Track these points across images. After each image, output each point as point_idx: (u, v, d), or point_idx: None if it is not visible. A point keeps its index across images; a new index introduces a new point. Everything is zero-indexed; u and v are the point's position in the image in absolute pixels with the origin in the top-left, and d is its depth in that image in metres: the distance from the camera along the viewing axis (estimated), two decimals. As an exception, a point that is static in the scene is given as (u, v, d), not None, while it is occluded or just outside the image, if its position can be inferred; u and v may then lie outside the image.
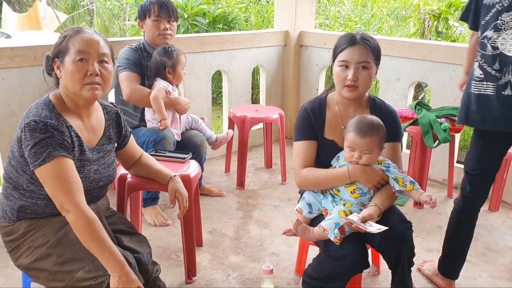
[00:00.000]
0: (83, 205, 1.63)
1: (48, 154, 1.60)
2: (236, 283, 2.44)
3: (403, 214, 1.98)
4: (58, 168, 1.61)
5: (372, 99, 2.16)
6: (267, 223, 3.06)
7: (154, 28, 3.01)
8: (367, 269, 2.45)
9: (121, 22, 10.31)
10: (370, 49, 1.99)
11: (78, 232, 1.61)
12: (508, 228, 3.08)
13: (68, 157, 1.65)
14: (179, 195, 2.01)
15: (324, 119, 2.14)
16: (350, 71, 1.98)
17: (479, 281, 2.51)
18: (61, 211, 1.63)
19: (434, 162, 3.65)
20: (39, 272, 1.71)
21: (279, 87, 4.63)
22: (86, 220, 1.60)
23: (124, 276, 1.60)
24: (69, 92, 1.74)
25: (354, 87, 2.00)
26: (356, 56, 1.97)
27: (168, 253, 2.69)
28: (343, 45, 2.02)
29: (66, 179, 1.62)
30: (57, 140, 1.63)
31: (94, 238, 1.60)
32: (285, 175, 3.72)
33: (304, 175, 2.07)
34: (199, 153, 3.12)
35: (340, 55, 2.01)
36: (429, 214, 3.24)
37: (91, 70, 1.70)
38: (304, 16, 4.50)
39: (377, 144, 1.96)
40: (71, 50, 1.70)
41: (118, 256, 1.62)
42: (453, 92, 3.52)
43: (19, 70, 2.94)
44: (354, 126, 1.96)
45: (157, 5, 2.99)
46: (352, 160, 1.97)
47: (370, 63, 1.99)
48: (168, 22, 3.03)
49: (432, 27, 5.20)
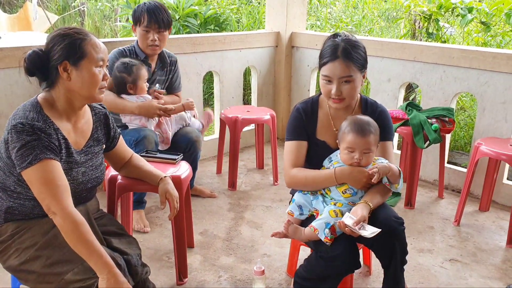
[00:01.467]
0: (70, 207, 1.62)
1: (35, 156, 1.59)
2: (227, 284, 2.43)
3: (394, 211, 1.98)
4: (45, 171, 1.60)
5: (364, 99, 2.17)
6: (258, 224, 3.06)
7: (143, 38, 2.99)
8: (359, 270, 2.46)
9: (112, 23, 10.25)
10: (353, 61, 1.96)
11: (66, 234, 1.60)
12: (498, 228, 3.10)
13: (55, 159, 1.63)
14: (170, 196, 2.00)
15: (316, 119, 2.14)
16: (333, 85, 1.98)
17: (469, 281, 2.52)
18: (48, 214, 1.62)
19: (425, 163, 3.67)
20: (28, 274, 1.69)
21: (271, 88, 4.63)
22: (73, 223, 1.59)
23: (112, 278, 1.59)
24: (79, 95, 1.72)
25: (339, 100, 2.01)
26: (338, 72, 1.96)
27: (159, 254, 2.67)
28: (325, 57, 1.99)
29: (53, 181, 1.60)
30: (44, 143, 1.61)
31: (82, 240, 1.59)
32: (277, 176, 3.71)
33: (293, 175, 2.08)
34: (194, 149, 3.10)
35: (323, 69, 2.01)
36: (421, 214, 3.26)
37: (106, 75, 1.77)
38: (296, 17, 4.51)
39: (376, 142, 1.98)
40: (91, 55, 1.70)
41: (106, 258, 1.61)
42: (444, 93, 3.55)
43: (8, 71, 2.92)
44: (352, 127, 1.95)
45: (148, 14, 2.94)
46: (353, 162, 1.95)
47: (353, 76, 1.97)
48: (158, 32, 2.99)
49: (423, 28, 5.23)
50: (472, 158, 3.09)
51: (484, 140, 3.10)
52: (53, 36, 1.72)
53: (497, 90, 3.31)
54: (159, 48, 3.05)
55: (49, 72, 1.72)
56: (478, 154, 3.02)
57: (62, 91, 1.73)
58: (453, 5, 4.89)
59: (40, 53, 1.71)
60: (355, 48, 1.98)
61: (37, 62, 1.70)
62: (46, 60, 1.71)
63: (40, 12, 9.06)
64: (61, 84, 1.72)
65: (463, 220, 3.15)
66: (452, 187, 3.66)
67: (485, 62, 3.31)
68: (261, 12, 6.81)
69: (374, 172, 1.89)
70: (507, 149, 2.92)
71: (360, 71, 2.00)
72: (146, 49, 3.02)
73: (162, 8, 3.00)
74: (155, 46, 3.01)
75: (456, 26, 5.59)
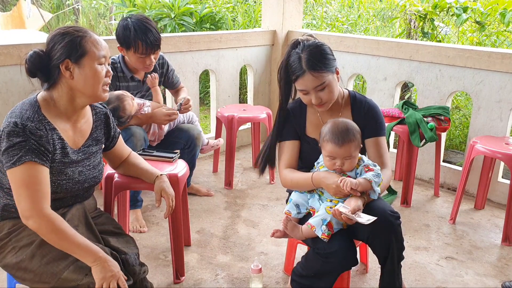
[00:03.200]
0: (45, 209, 1.60)
1: (19, 158, 1.58)
2: (224, 282, 2.43)
3: (390, 206, 1.99)
4: (26, 174, 1.59)
5: (353, 96, 2.17)
6: (255, 223, 3.06)
7: (138, 62, 2.87)
8: (355, 267, 2.47)
9: (107, 22, 10.21)
10: (320, 70, 1.95)
11: (45, 235, 1.60)
12: (493, 226, 3.12)
13: (40, 163, 1.61)
14: (165, 194, 2.00)
15: (305, 118, 2.16)
16: (311, 95, 2.00)
17: (465, 278, 2.54)
18: (22, 219, 1.60)
19: (421, 161, 3.68)
20: (25, 273, 1.68)
21: (267, 87, 4.63)
22: (50, 221, 1.59)
23: (105, 262, 1.61)
24: (82, 94, 1.72)
25: (321, 105, 2.03)
26: (310, 84, 1.97)
27: (156, 253, 2.67)
28: (294, 73, 1.99)
29: (33, 185, 1.59)
30: (31, 145, 1.60)
31: (63, 236, 1.59)
32: (273, 175, 3.72)
33: (283, 177, 2.14)
34: (194, 146, 3.10)
35: (296, 84, 2.02)
36: (416, 212, 3.27)
37: (109, 71, 1.76)
38: (292, 15, 4.51)
39: (356, 147, 1.95)
40: (93, 52, 1.69)
41: (92, 246, 1.62)
42: (439, 92, 3.56)
43: (4, 69, 2.90)
44: (330, 136, 1.93)
45: (143, 43, 2.77)
46: (336, 168, 1.95)
47: (326, 81, 1.97)
48: (153, 54, 2.87)
49: (418, 28, 5.24)
50: (467, 157, 3.11)
51: (479, 138, 3.12)
52: (53, 36, 1.71)
53: (492, 89, 3.32)
54: (153, 65, 2.95)
55: (50, 72, 1.71)
56: (473, 152, 3.03)
57: (65, 90, 1.72)
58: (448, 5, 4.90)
59: (41, 53, 1.70)
60: (318, 55, 1.97)
61: (39, 63, 1.69)
62: (48, 60, 1.69)
63: (34, 10, 9.00)
64: (64, 83, 1.71)
65: (458, 218, 3.17)
66: (447, 185, 3.68)
67: (480, 61, 3.33)
68: (257, 10, 6.80)
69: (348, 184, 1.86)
70: (502, 147, 2.94)
71: (331, 72, 2.00)
72: (141, 70, 2.94)
73: (152, 27, 2.81)
74: (151, 66, 2.92)
75: (451, 25, 5.60)
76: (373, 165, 1.98)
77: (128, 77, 2.97)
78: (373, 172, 1.93)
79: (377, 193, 1.93)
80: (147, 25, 2.80)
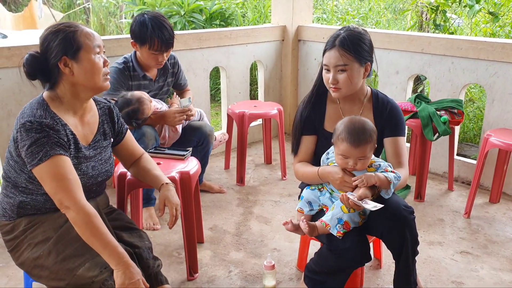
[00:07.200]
0: (83, 201, 1.63)
1: (45, 153, 1.60)
2: (238, 279, 2.43)
3: (404, 200, 1.97)
4: (56, 166, 1.61)
5: (375, 94, 2.16)
6: (267, 219, 3.06)
7: (150, 59, 2.88)
8: (369, 263, 2.45)
9: (117, 20, 10.26)
10: (348, 50, 1.95)
11: (79, 228, 1.61)
12: (509, 219, 3.08)
13: (64, 155, 1.65)
14: (169, 203, 1.93)
15: (324, 112, 2.15)
16: (330, 74, 2.01)
17: (481, 273, 2.51)
18: (60, 209, 1.63)
19: (434, 155, 3.64)
20: (41, 270, 1.70)
21: (278, 83, 4.61)
22: (87, 216, 1.61)
23: (127, 269, 1.61)
24: (85, 87, 1.73)
25: (336, 89, 2.02)
26: (333, 60, 1.98)
27: (169, 250, 2.68)
28: (326, 46, 2.03)
29: (64, 176, 1.62)
30: (53, 139, 1.62)
31: (96, 233, 1.61)
32: (285, 171, 3.71)
33: (296, 171, 2.19)
34: (207, 143, 3.11)
35: (324, 57, 2.04)
36: (430, 207, 3.24)
37: (106, 61, 1.77)
38: (302, 10, 4.48)
39: (372, 148, 1.91)
40: (87, 45, 1.70)
41: (119, 249, 1.63)
42: (452, 85, 3.52)
43: (17, 69, 2.91)
44: (345, 135, 1.87)
45: (159, 40, 2.79)
46: (348, 167, 1.91)
47: (349, 65, 1.97)
48: (166, 51, 2.89)
49: (430, 20, 5.18)
50: (481, 150, 3.07)
51: (493, 131, 3.07)
52: (45, 36, 1.71)
53: (506, 81, 3.27)
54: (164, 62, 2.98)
55: (50, 72, 1.71)
56: (487, 145, 2.99)
57: (68, 87, 1.73)
58: (460, -4, 4.84)
59: (37, 55, 1.71)
60: (355, 39, 1.99)
61: (36, 64, 1.70)
62: (44, 60, 1.70)
63: (45, 10, 9.09)
64: (65, 80, 1.72)
65: (473, 212, 3.14)
66: (462, 179, 3.64)
67: (494, 52, 3.28)
68: (267, 6, 6.77)
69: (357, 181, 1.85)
70: (518, 140, 2.89)
71: (358, 61, 1.98)
72: (152, 66, 2.96)
73: (167, 25, 2.84)
74: (162, 63, 2.94)
75: (463, 17, 5.53)
76: (390, 167, 1.96)
77: (140, 76, 2.99)
78: (395, 175, 1.90)
79: (390, 195, 1.91)
80: (164, 22, 2.84)
